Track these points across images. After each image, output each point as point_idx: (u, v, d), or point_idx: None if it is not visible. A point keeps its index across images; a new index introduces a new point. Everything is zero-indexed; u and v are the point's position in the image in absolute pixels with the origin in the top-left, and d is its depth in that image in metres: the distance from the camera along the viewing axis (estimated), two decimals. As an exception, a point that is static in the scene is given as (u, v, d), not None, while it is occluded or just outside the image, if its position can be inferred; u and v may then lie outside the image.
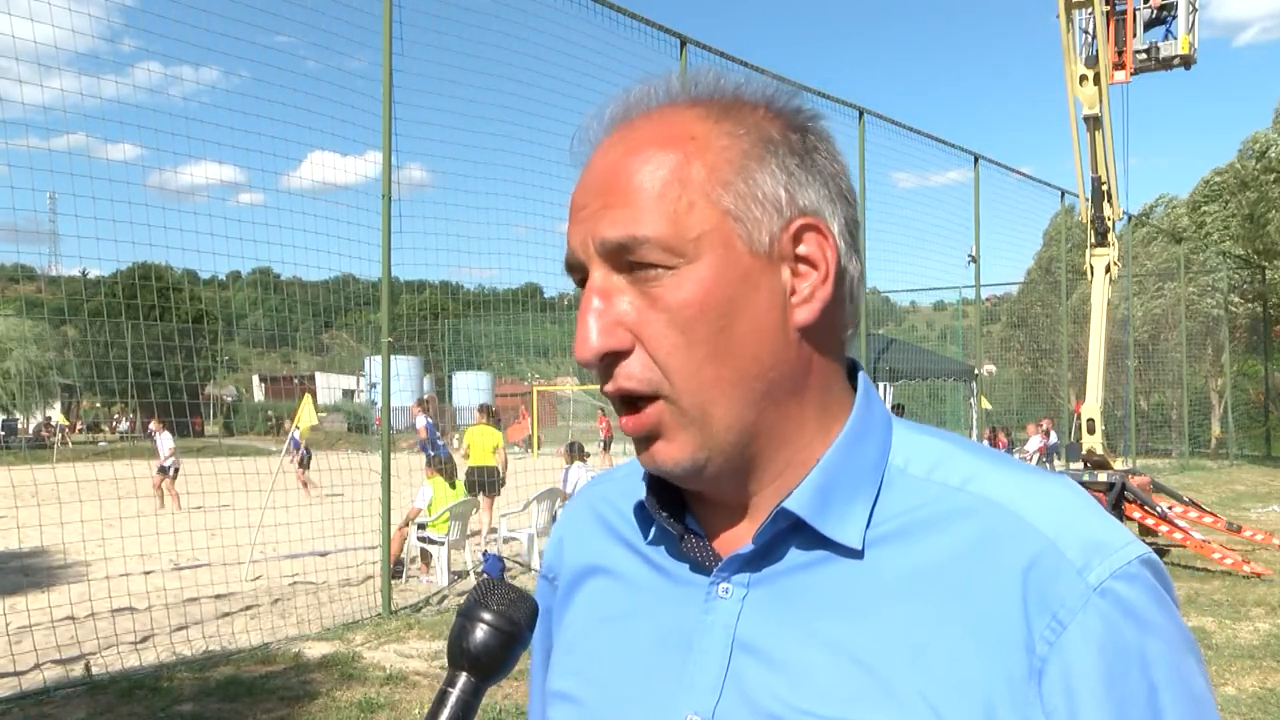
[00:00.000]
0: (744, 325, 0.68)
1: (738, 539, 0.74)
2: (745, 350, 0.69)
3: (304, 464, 17.80)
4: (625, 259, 0.69)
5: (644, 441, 0.72)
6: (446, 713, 0.73)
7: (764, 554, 0.72)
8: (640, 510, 0.80)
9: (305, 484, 17.11)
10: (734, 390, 0.69)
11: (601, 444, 26.67)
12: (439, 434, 12.18)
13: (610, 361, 0.70)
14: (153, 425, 17.98)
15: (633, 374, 0.69)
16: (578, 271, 0.72)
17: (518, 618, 0.76)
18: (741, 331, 0.68)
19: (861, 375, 0.77)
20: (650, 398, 0.70)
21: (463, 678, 0.74)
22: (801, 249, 0.70)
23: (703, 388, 0.68)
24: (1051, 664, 0.63)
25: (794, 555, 0.72)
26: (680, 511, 0.78)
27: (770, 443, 0.72)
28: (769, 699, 0.69)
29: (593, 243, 0.70)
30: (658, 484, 0.77)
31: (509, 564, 9.71)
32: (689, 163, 0.69)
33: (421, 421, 13.82)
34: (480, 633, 0.74)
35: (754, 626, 0.71)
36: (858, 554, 0.70)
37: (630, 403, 0.71)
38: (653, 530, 0.80)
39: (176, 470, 16.36)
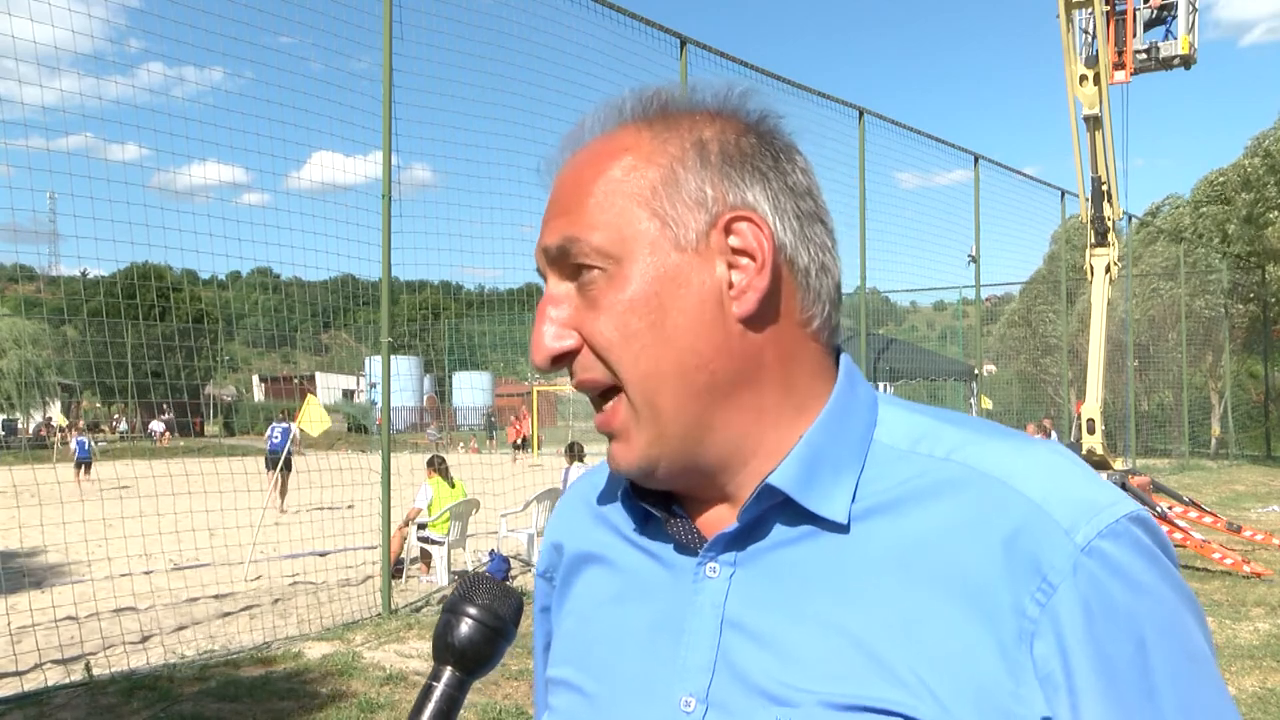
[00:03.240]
0: (676, 319, 0.71)
1: (723, 521, 0.75)
2: (681, 343, 0.71)
3: (83, 465, 19.31)
4: (568, 264, 0.74)
5: (610, 442, 0.76)
6: (431, 707, 0.73)
7: (749, 532, 0.73)
8: (628, 498, 0.81)
9: (79, 483, 17.93)
10: (674, 382, 0.71)
11: (513, 445, 28.31)
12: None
13: (567, 362, 0.74)
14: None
15: (587, 367, 0.74)
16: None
17: (503, 612, 0.76)
18: (675, 325, 0.71)
19: (844, 358, 0.78)
20: (613, 390, 0.73)
21: (447, 672, 0.74)
22: (734, 241, 0.72)
23: (644, 379, 0.71)
24: (1043, 626, 0.63)
25: (779, 532, 0.73)
26: (667, 499, 0.79)
27: (726, 433, 0.73)
28: (762, 677, 0.69)
29: (541, 252, 0.76)
30: None
31: (511, 564, 9.70)
32: (620, 170, 0.73)
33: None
34: (465, 627, 0.75)
35: (742, 605, 0.72)
36: (844, 529, 0.70)
37: (603, 397, 0.74)
38: (644, 518, 0.81)
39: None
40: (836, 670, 0.67)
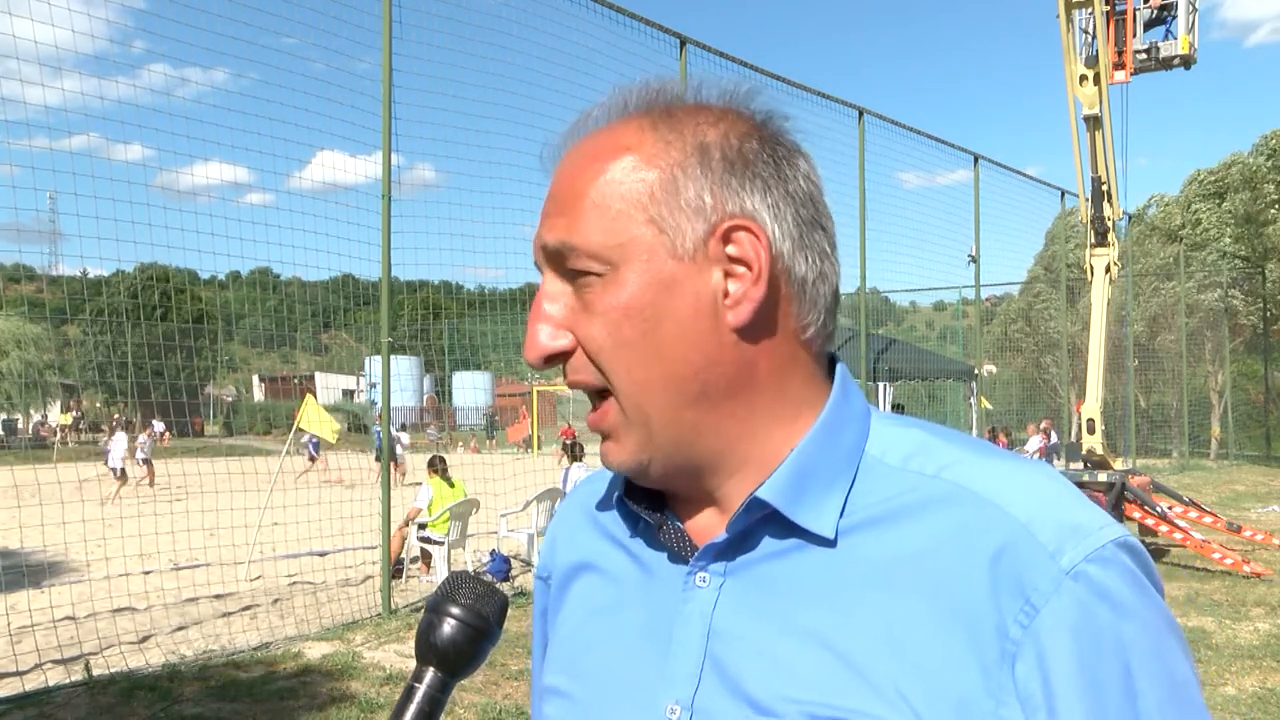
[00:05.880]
0: (670, 328, 0.70)
1: (713, 529, 0.76)
2: (674, 352, 0.70)
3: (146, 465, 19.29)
4: (564, 265, 0.73)
5: (603, 441, 0.76)
6: (413, 708, 0.72)
7: (738, 543, 0.73)
8: (622, 504, 0.81)
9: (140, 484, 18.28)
10: (665, 390, 0.71)
11: (565, 446, 27.50)
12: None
13: (561, 361, 0.74)
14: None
15: (579, 369, 0.74)
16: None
17: (486, 612, 0.75)
18: (668, 334, 0.70)
19: (840, 368, 0.78)
20: (607, 390, 0.73)
21: (430, 673, 0.74)
22: (731, 250, 0.71)
23: (636, 388, 0.71)
24: (1025, 648, 0.63)
25: (768, 544, 0.73)
26: (660, 503, 0.79)
27: (717, 440, 0.73)
28: (747, 686, 0.69)
29: (540, 249, 0.75)
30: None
31: (511, 563, 9.70)
32: (619, 171, 0.71)
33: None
34: (448, 627, 0.74)
35: (730, 615, 0.72)
36: (830, 543, 0.71)
37: (599, 395, 0.74)
38: (638, 524, 0.81)
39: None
40: (819, 681, 0.67)
